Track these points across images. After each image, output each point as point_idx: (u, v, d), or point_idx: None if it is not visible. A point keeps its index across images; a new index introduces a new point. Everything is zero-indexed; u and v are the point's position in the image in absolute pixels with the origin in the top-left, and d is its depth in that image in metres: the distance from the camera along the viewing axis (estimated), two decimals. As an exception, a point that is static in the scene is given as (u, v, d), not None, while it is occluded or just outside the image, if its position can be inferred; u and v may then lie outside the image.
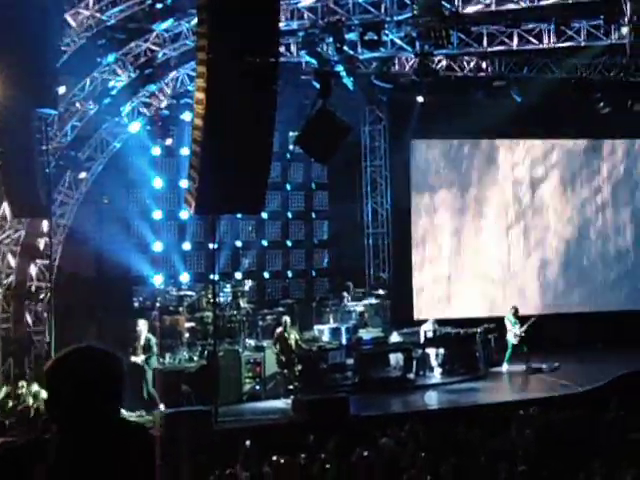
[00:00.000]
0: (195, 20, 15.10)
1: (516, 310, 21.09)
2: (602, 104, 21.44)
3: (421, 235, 24.78)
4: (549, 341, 21.70)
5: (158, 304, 19.19)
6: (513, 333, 20.72)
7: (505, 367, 20.78)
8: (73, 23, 16.30)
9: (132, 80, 18.26)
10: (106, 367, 3.56)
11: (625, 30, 17.48)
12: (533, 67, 21.72)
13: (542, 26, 19.14)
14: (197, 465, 12.60)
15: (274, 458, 11.44)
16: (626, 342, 22.03)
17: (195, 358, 18.04)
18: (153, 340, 17.06)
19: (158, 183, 21.58)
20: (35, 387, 15.59)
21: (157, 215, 21.62)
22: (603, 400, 14.67)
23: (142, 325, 17.19)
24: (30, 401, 15.45)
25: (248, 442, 12.50)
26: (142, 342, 16.89)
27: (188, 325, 18.72)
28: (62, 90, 16.88)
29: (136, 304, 20.36)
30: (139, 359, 16.64)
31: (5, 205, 16.77)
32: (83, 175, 19.19)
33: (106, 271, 20.59)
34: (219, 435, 14.17)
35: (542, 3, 17.34)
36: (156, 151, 21.23)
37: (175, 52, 18.55)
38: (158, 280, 21.02)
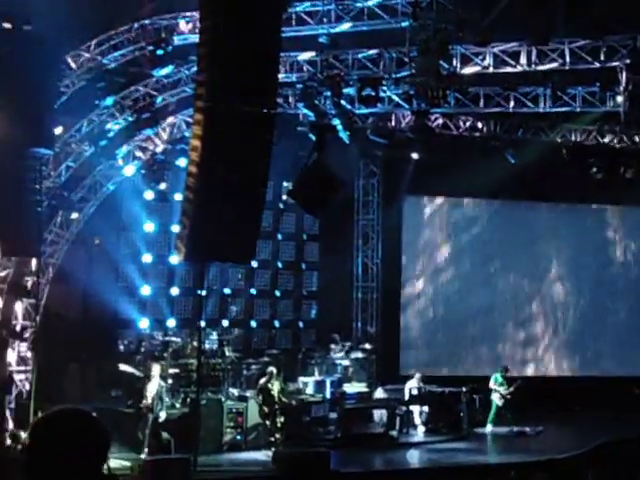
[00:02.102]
0: (195, 68, 15.22)
1: (505, 370, 21.01)
2: (595, 169, 21.58)
3: (410, 291, 24.77)
4: (535, 404, 21.56)
5: (143, 349, 19.04)
6: (499, 394, 20.62)
7: (489, 428, 20.65)
8: (73, 65, 16.43)
9: (129, 123, 18.34)
10: (92, 431, 3.59)
11: (620, 98, 17.65)
12: (528, 130, 21.90)
13: (538, 90, 19.35)
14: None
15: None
16: (613, 407, 22.06)
17: (177, 405, 17.88)
18: (165, 387, 16.86)
19: (150, 227, 21.58)
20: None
21: (147, 259, 21.58)
22: (582, 468, 14.55)
23: (155, 370, 16.97)
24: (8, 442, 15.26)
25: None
26: (155, 388, 16.66)
27: (172, 371, 18.58)
28: (59, 130, 16.97)
29: (121, 347, 20.22)
30: (147, 403, 16.40)
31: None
32: (75, 215, 19.17)
33: (92, 313, 20.49)
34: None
35: (539, 68, 17.54)
36: (149, 195, 21.25)
37: (173, 98, 18.67)
38: (144, 324, 20.92)
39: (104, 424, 3.64)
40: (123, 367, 17.87)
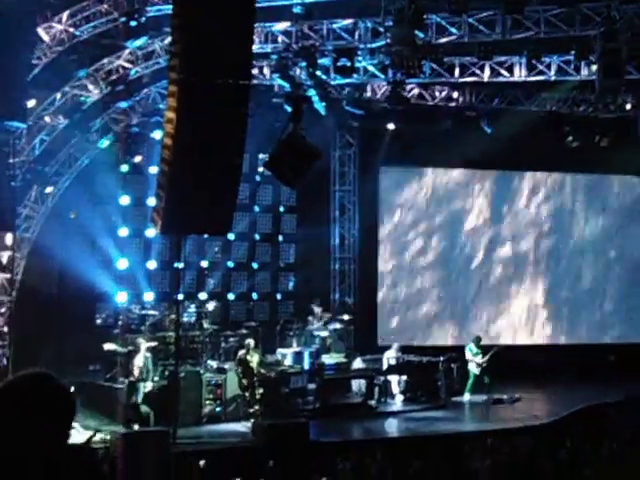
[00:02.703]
0: (169, 39, 15.10)
1: (478, 340, 21.13)
2: (571, 138, 21.66)
3: (388, 262, 24.82)
4: (512, 371, 21.72)
5: (120, 322, 19.01)
6: (475, 363, 20.76)
7: (466, 397, 20.80)
8: (46, 37, 16.24)
9: (103, 96, 18.20)
10: (54, 396, 3.43)
11: (594, 67, 17.69)
12: (503, 99, 21.92)
13: (514, 59, 19.36)
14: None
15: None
16: (592, 374, 22.35)
17: (156, 378, 17.87)
18: (149, 359, 16.87)
19: (125, 200, 21.46)
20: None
21: (123, 232, 21.47)
22: (560, 434, 14.71)
23: (141, 344, 17.00)
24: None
25: (202, 462, 12.38)
26: (142, 361, 16.67)
27: (150, 345, 18.55)
28: (32, 103, 16.80)
29: (98, 321, 20.17)
30: (133, 378, 16.44)
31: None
32: (50, 189, 19.04)
33: (69, 287, 20.37)
34: (176, 456, 14.02)
35: (514, 37, 17.55)
36: (124, 168, 21.13)
37: (147, 70, 18.52)
38: (121, 298, 20.85)
39: (68, 389, 3.50)
40: (107, 346, 17.83)
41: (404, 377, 20.39)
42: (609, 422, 15.99)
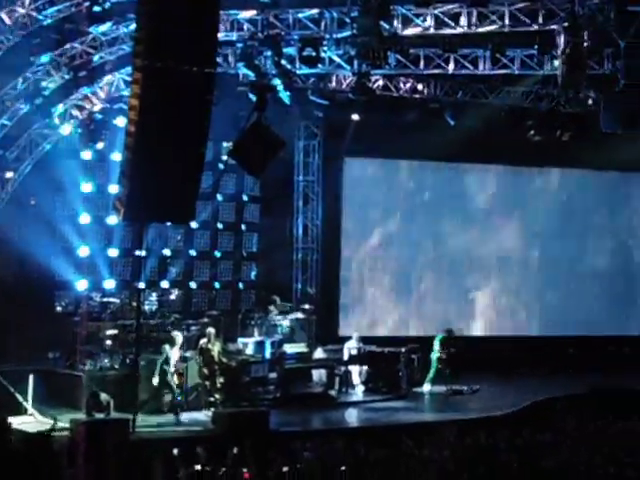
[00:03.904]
0: (133, 25, 14.99)
1: (449, 332, 21.23)
2: (533, 132, 21.82)
3: (350, 252, 24.87)
4: (472, 363, 21.88)
5: (81, 310, 18.88)
6: (438, 354, 20.89)
7: (427, 387, 20.94)
8: (8, 21, 16.05)
9: (66, 82, 18.02)
10: None
11: (557, 62, 17.83)
12: (467, 92, 22.04)
13: (478, 52, 19.46)
14: (118, 474, 12.41)
15: (197, 467, 11.34)
16: (551, 366, 22.67)
17: (116, 366, 17.81)
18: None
19: (87, 187, 21.28)
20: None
21: (84, 219, 21.28)
22: (519, 425, 14.85)
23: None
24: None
25: (176, 450, 12.35)
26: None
27: (110, 332, 18.47)
28: (-7, 88, 16.62)
29: (58, 309, 20.03)
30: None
31: None
32: (10, 175, 18.86)
33: (29, 274, 20.19)
34: (136, 445, 13.99)
35: (479, 30, 17.64)
36: (87, 155, 20.96)
37: (111, 56, 18.34)
38: (82, 285, 20.68)
39: None
40: None
41: (365, 367, 20.49)
42: (557, 415, 16.19)
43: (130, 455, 12.98)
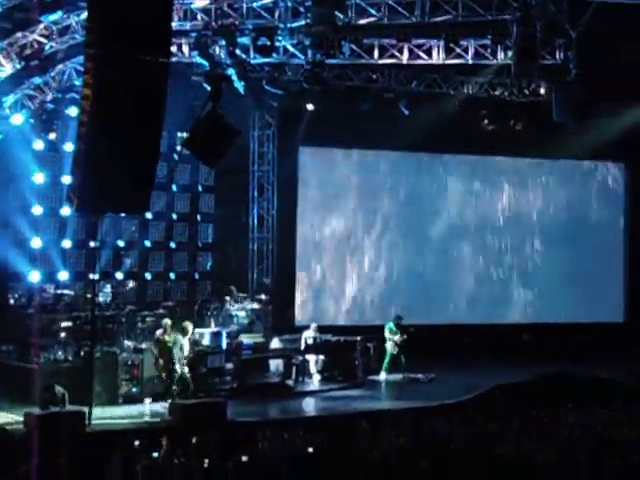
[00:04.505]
0: (85, 14, 14.82)
1: (398, 319, 21.38)
2: (487, 121, 22.00)
3: (306, 242, 24.90)
4: (428, 351, 22.05)
5: (34, 302, 18.69)
6: (392, 342, 21.01)
7: (383, 376, 21.06)
8: (-44, 9, 15.79)
9: (17, 71, 17.76)
10: None
11: (510, 52, 18.00)
12: (422, 81, 22.15)
13: (432, 42, 19.55)
14: (74, 466, 12.32)
15: (155, 455, 11.32)
16: (506, 353, 22.96)
17: (70, 358, 17.67)
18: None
19: (39, 178, 21.03)
20: None
21: (37, 211, 21.04)
22: (473, 412, 15.00)
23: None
24: None
25: (137, 442, 12.30)
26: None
27: (65, 324, 18.31)
28: (-58, 77, 16.35)
29: (11, 301, 19.81)
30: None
31: None
32: (-40, 166, 18.59)
33: (-20, 266, 19.94)
34: (92, 437, 13.92)
35: (433, 20, 17.72)
36: (39, 145, 20.72)
37: (63, 45, 18.10)
38: (35, 277, 20.46)
39: None
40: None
41: (322, 357, 20.55)
42: (498, 403, 16.41)
43: (86, 447, 12.89)
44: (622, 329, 26.49)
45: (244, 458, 11.30)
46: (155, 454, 11.51)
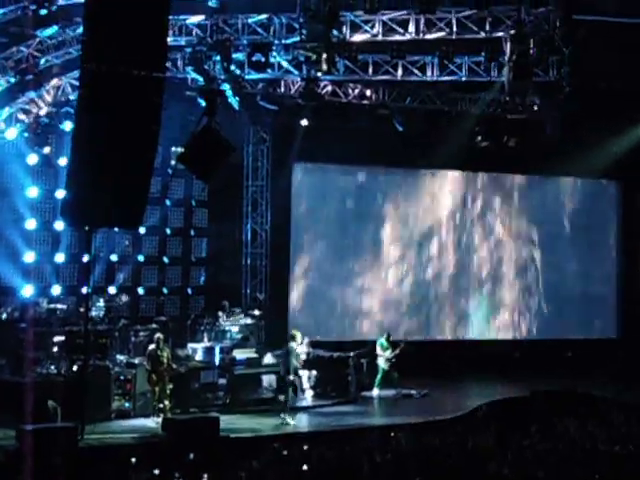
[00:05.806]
0: (81, 29, 14.88)
1: (388, 335, 21.39)
2: (480, 138, 22.08)
3: (299, 258, 24.89)
4: (421, 367, 22.04)
5: (27, 316, 18.62)
6: (384, 358, 21.01)
7: (375, 392, 21.03)
8: (-48, 23, 15.83)
9: (11, 85, 17.80)
10: None
11: (505, 69, 18.09)
12: (416, 98, 22.23)
13: (426, 59, 19.65)
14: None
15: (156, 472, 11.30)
16: (498, 370, 22.97)
17: (63, 372, 17.60)
18: None
19: (33, 192, 21.02)
20: None
21: (31, 225, 21.03)
22: (466, 429, 15.00)
23: None
24: None
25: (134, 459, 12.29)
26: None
27: (57, 339, 18.25)
28: (-63, 91, 16.37)
29: (4, 315, 19.74)
30: None
31: None
32: (-46, 179, 18.57)
33: (-28, 280, 19.89)
34: (84, 452, 13.87)
35: (427, 37, 17.81)
36: (33, 159, 20.71)
37: (58, 60, 18.16)
38: (28, 291, 20.42)
39: None
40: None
41: (314, 372, 20.50)
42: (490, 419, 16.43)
43: (79, 463, 12.86)
44: (615, 345, 26.55)
45: (242, 474, 11.28)
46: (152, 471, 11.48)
